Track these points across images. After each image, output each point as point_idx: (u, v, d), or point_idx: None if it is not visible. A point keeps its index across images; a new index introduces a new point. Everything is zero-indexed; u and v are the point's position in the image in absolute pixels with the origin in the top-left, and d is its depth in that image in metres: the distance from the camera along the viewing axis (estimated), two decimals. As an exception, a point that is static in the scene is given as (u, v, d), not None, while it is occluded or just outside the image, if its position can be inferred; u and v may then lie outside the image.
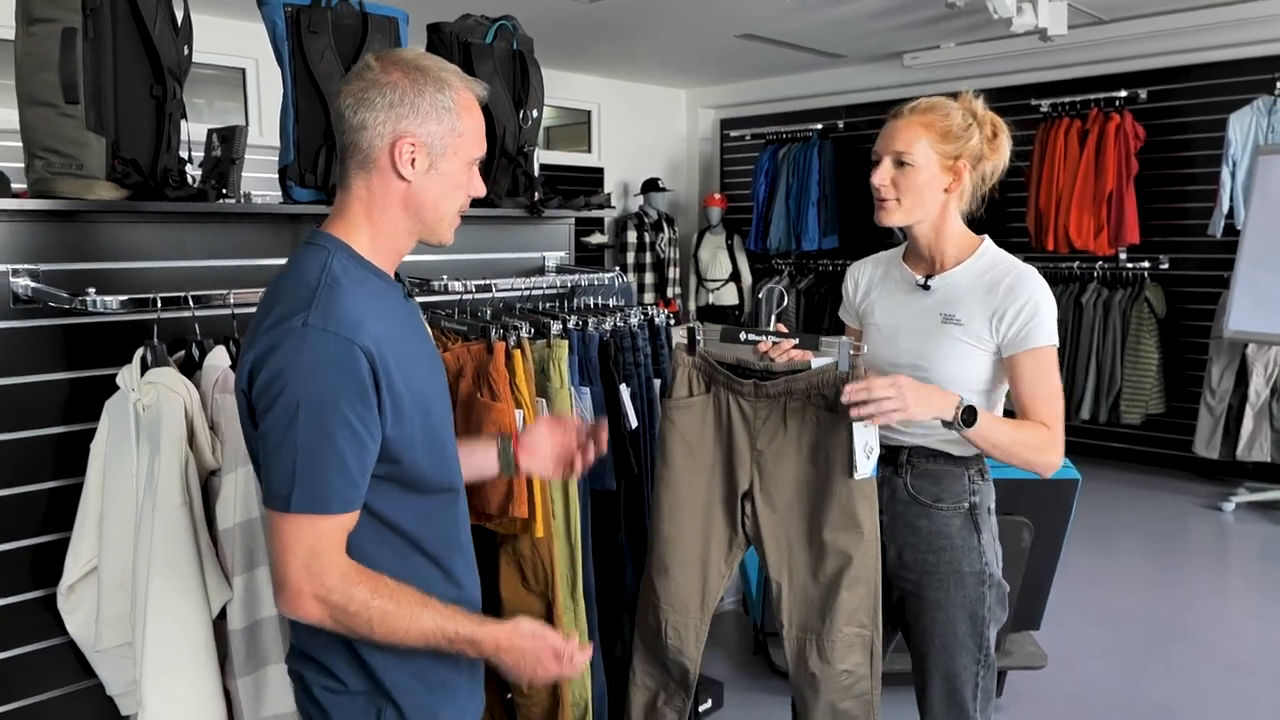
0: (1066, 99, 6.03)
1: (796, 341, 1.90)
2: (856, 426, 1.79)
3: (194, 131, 2.12)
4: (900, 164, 1.83)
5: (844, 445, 1.83)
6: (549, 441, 1.73)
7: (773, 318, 1.98)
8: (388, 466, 1.32)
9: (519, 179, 2.64)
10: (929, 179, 1.83)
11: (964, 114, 1.85)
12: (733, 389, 1.95)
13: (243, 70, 5.76)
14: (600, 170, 7.95)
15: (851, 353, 1.82)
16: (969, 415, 1.73)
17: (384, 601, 1.28)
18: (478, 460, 1.68)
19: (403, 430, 1.31)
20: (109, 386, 1.88)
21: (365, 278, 1.33)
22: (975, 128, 1.85)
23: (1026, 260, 1.89)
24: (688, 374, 1.99)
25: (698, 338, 2.00)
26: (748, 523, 1.98)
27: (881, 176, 1.86)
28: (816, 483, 1.90)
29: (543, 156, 7.56)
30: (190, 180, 2.03)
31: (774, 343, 1.91)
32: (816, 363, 1.88)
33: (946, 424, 1.74)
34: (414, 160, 1.32)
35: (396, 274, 1.44)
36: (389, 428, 1.29)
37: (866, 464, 1.82)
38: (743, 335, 1.93)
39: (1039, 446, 1.78)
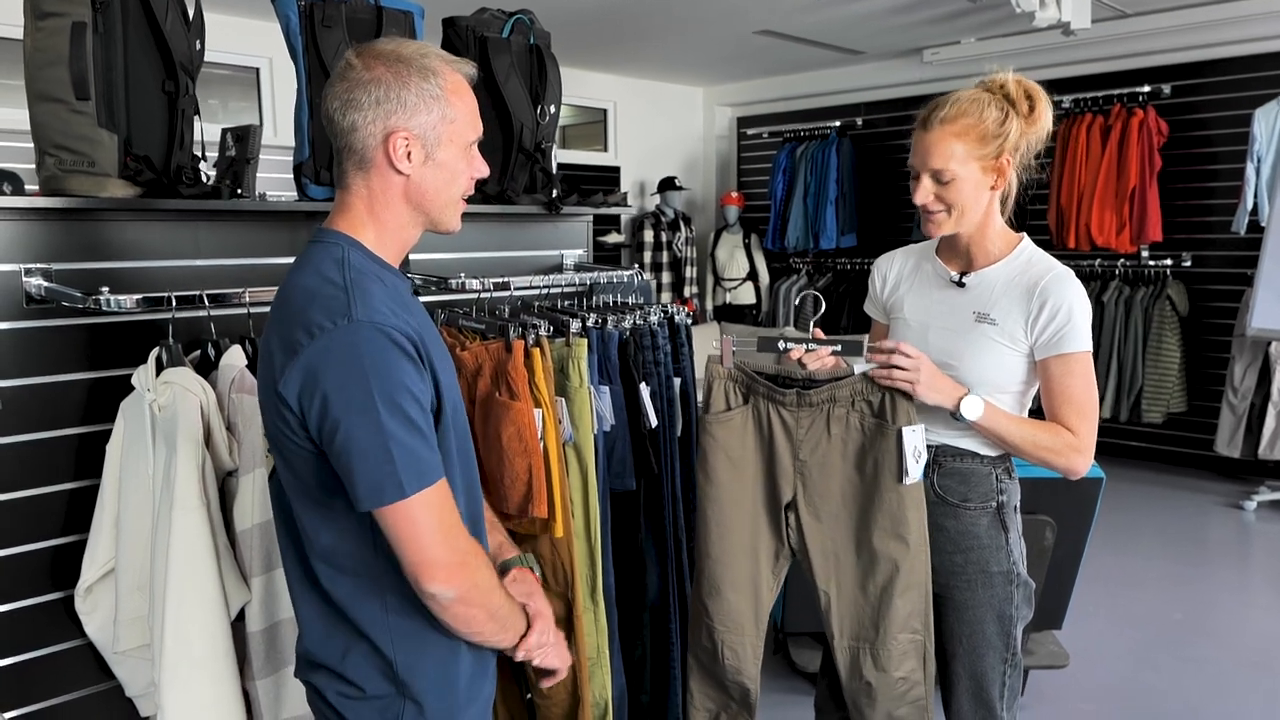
0: (1089, 94, 5.95)
1: (836, 349, 1.83)
2: (905, 431, 1.76)
3: (208, 132, 2.09)
4: (941, 180, 1.76)
5: (893, 451, 1.79)
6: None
7: (810, 324, 1.92)
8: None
9: (537, 176, 2.60)
10: (974, 185, 1.76)
11: (998, 105, 1.75)
12: (774, 399, 1.90)
13: (256, 70, 5.73)
14: (617, 169, 7.91)
15: None
16: (972, 408, 1.75)
17: (493, 572, 1.36)
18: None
19: (444, 413, 1.33)
20: (125, 387, 1.86)
21: (380, 272, 1.32)
22: (1012, 117, 1.76)
23: None
24: (724, 386, 1.94)
25: (732, 349, 1.94)
26: (792, 534, 1.94)
27: (924, 195, 1.78)
28: (864, 490, 1.86)
29: (559, 155, 7.49)
30: (205, 178, 1.99)
31: (809, 349, 1.83)
32: (859, 369, 1.83)
33: (953, 415, 1.76)
34: (409, 154, 1.30)
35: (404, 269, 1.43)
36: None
37: (916, 468, 1.79)
38: (781, 344, 1.87)
39: (1057, 449, 1.76)
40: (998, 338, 1.80)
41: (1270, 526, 4.97)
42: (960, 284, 1.86)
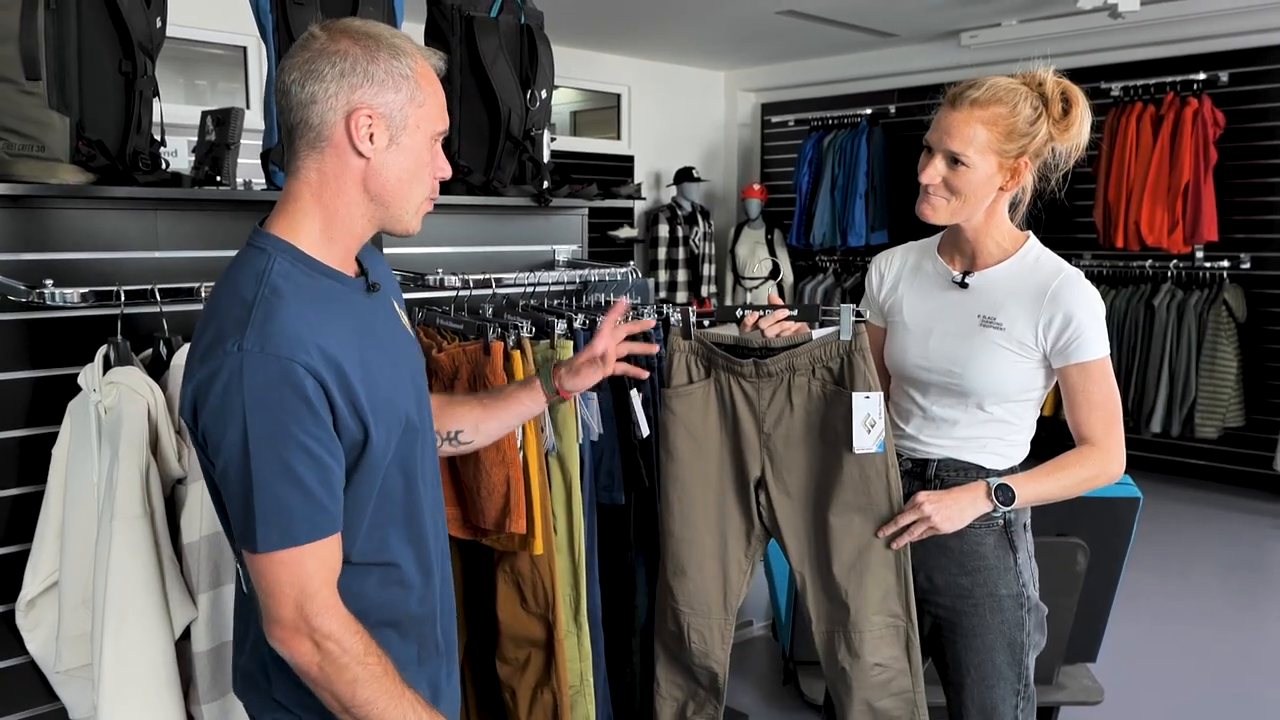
0: (1139, 82, 5.87)
1: (792, 314, 1.87)
2: (857, 397, 1.79)
3: (193, 115, 2.09)
4: (954, 163, 1.75)
5: (847, 419, 1.81)
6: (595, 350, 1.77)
7: (767, 291, 1.93)
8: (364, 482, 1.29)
9: (526, 165, 2.59)
10: (984, 180, 1.75)
11: (1033, 103, 1.73)
12: (732, 370, 1.92)
13: (244, 49, 5.73)
14: (630, 158, 7.90)
15: (854, 319, 1.81)
16: (1004, 495, 1.77)
17: (374, 665, 1.25)
18: (517, 407, 1.74)
19: (372, 446, 1.27)
20: (72, 387, 1.85)
21: (310, 282, 1.26)
22: (1043, 119, 1.74)
23: (1094, 259, 1.85)
24: (685, 359, 1.96)
25: (692, 319, 1.97)
26: (764, 513, 1.95)
27: (931, 174, 1.78)
28: (828, 463, 1.88)
29: (569, 144, 7.52)
30: (164, 164, 1.99)
31: (761, 315, 1.88)
32: (817, 335, 1.86)
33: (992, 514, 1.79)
34: (372, 134, 1.25)
35: (360, 266, 1.37)
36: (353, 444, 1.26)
37: (867, 438, 1.80)
38: (739, 312, 1.91)
39: (1091, 476, 1.79)
40: (1004, 343, 1.79)
41: (1332, 553, 4.89)
42: (963, 284, 1.85)
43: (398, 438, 1.32)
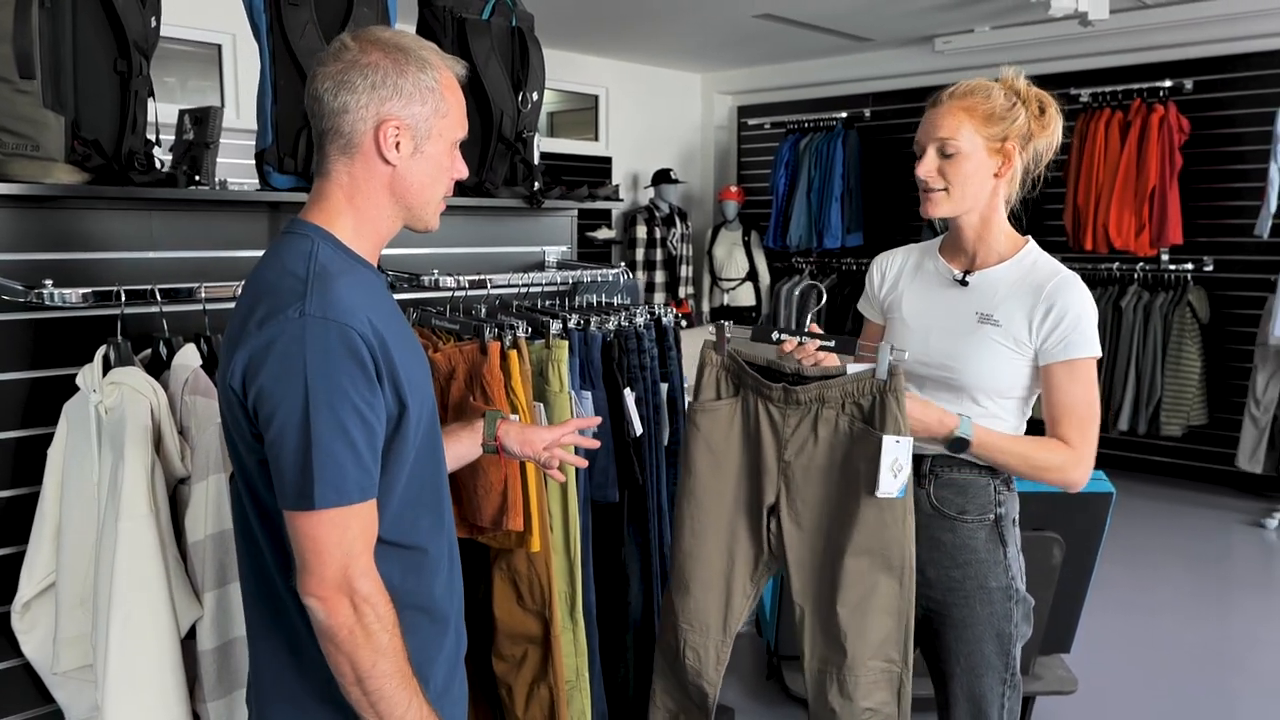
0: (1107, 88, 5.95)
1: (829, 344, 1.84)
2: (887, 440, 1.73)
3: (164, 113, 2.07)
4: (945, 153, 1.82)
5: (873, 460, 1.77)
6: (541, 435, 1.78)
7: (809, 318, 1.92)
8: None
9: (517, 167, 2.58)
10: (977, 165, 1.82)
11: (1006, 93, 1.83)
12: (761, 393, 1.89)
13: (219, 46, 5.66)
14: (608, 160, 7.89)
15: (891, 359, 1.76)
16: (958, 446, 1.78)
17: (398, 640, 1.27)
18: (456, 446, 1.72)
19: (408, 420, 1.32)
20: (68, 387, 1.83)
21: (351, 267, 1.33)
22: (1020, 106, 1.83)
23: (1063, 261, 1.90)
24: (715, 374, 1.94)
25: (727, 335, 1.94)
26: (773, 540, 1.92)
27: (927, 168, 1.83)
28: (847, 501, 1.83)
29: (546, 144, 7.50)
30: (159, 164, 1.97)
31: (800, 343, 1.85)
32: (853, 369, 1.81)
33: (946, 446, 1.79)
34: (398, 144, 1.33)
35: (379, 265, 1.43)
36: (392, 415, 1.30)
37: (893, 482, 1.75)
38: (775, 335, 1.88)
39: (1055, 466, 1.80)
40: (1000, 340, 1.82)
41: (1294, 547, 4.97)
42: (963, 283, 1.88)
43: (426, 420, 1.37)
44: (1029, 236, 1.91)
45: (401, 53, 1.32)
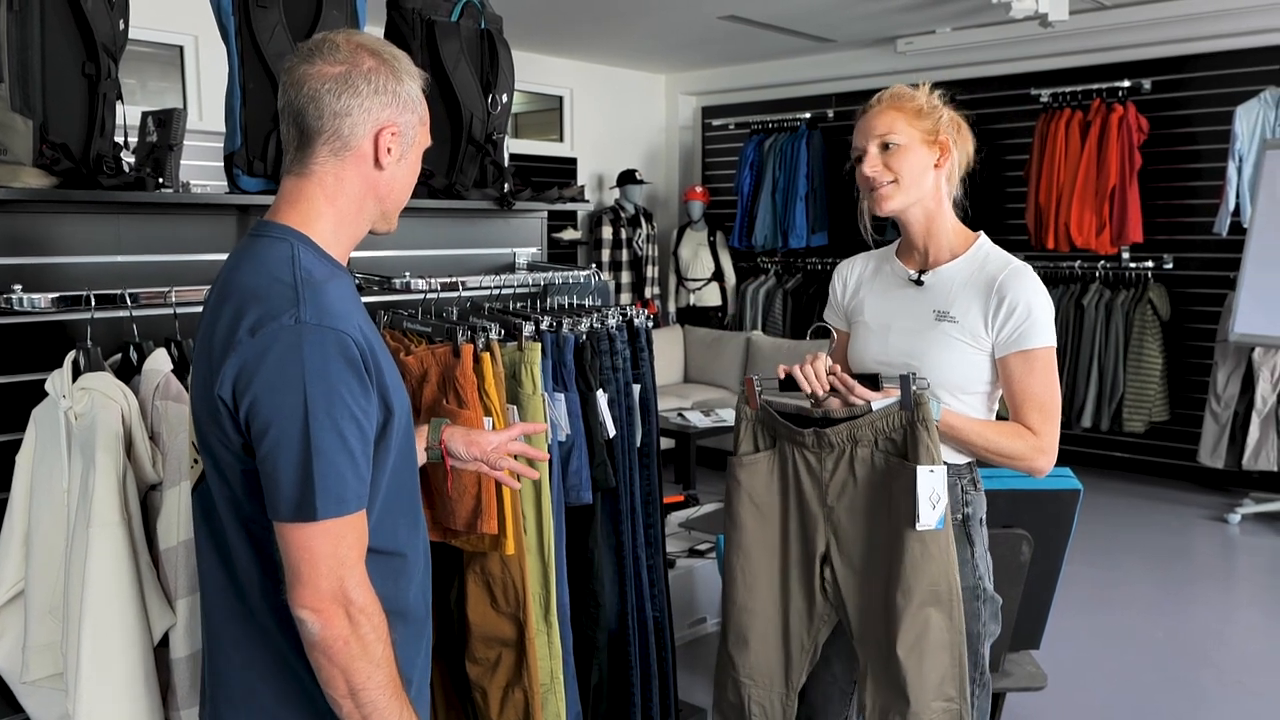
0: (1067, 89, 6.07)
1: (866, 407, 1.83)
2: (921, 471, 1.75)
3: (126, 115, 2.07)
4: (885, 146, 1.90)
5: (910, 493, 1.77)
6: (489, 439, 1.79)
7: (824, 360, 1.87)
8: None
9: (488, 169, 2.60)
10: (917, 155, 1.90)
11: (926, 94, 1.94)
12: (794, 440, 1.90)
13: (180, 48, 5.63)
14: (573, 161, 7.91)
15: (915, 389, 1.77)
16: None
17: (389, 651, 1.27)
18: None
19: (393, 425, 1.33)
20: (37, 393, 1.83)
21: (333, 272, 1.33)
22: (943, 104, 1.94)
23: (1026, 259, 1.94)
24: (751, 428, 1.96)
25: (758, 388, 1.95)
26: (829, 589, 1.92)
27: (872, 163, 1.91)
28: (890, 539, 1.82)
29: (510, 145, 7.45)
30: (126, 167, 1.97)
31: (830, 389, 1.84)
32: (877, 405, 1.82)
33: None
34: (390, 149, 1.36)
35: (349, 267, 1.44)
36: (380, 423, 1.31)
37: (931, 513, 1.76)
38: (806, 393, 1.86)
39: (1020, 452, 1.84)
40: (959, 335, 1.87)
41: (1255, 540, 5.09)
42: (919, 282, 1.93)
43: (405, 424, 1.37)
44: (980, 232, 1.96)
45: (393, 60, 1.35)
